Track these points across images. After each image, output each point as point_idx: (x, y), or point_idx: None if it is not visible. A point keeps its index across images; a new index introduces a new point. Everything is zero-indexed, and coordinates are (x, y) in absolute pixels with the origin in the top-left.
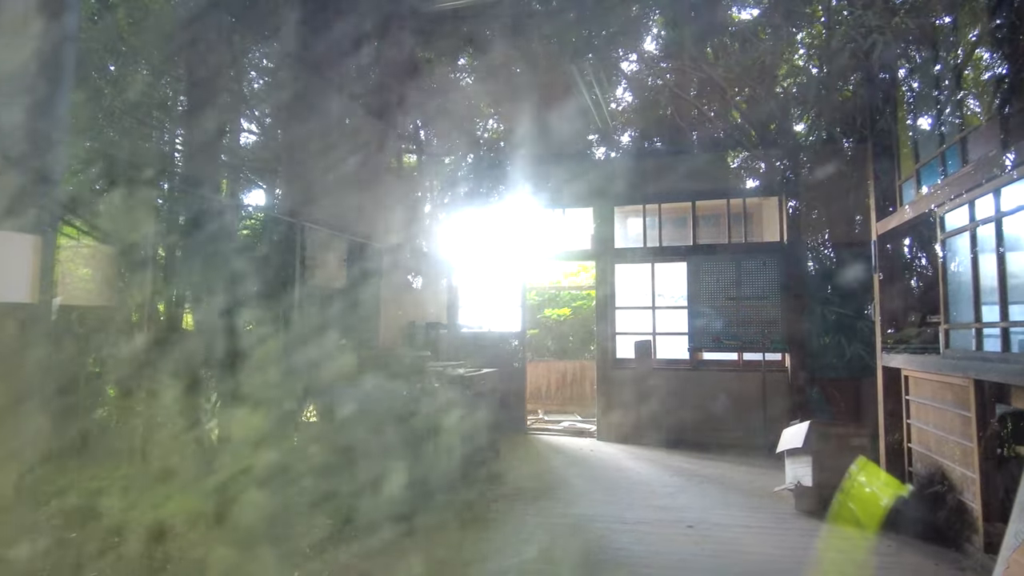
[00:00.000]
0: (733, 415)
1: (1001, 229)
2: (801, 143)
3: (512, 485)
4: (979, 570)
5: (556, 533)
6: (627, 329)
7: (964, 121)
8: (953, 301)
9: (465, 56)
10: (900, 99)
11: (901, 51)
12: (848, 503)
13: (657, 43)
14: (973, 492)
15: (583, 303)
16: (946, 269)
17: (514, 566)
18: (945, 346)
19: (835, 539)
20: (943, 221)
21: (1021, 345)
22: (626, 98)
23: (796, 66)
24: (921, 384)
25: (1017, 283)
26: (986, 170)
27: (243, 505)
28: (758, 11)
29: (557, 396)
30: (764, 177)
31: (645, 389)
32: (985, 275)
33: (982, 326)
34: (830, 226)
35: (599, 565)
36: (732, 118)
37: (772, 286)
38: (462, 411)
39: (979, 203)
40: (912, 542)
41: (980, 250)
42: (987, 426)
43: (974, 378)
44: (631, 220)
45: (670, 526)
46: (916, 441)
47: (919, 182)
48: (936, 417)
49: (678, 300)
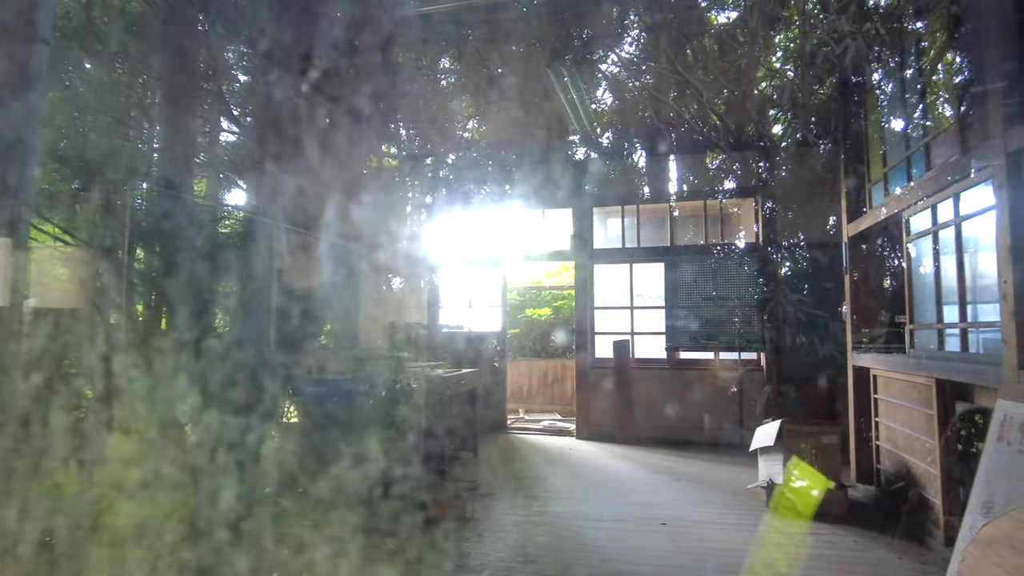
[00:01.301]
0: (710, 413)
1: (960, 232)
2: (777, 145)
3: (490, 484)
4: (940, 563)
5: (533, 531)
6: (606, 329)
7: (931, 126)
8: (918, 302)
9: (447, 57)
10: (872, 103)
11: (873, 56)
12: (787, 495)
13: (636, 46)
14: (935, 488)
15: (564, 303)
16: (912, 271)
17: (489, 564)
18: (910, 346)
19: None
20: (909, 224)
21: (980, 345)
22: (606, 99)
23: (773, 69)
24: (888, 383)
25: (975, 285)
26: (947, 175)
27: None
28: (736, 13)
29: (538, 395)
30: (741, 179)
31: (624, 388)
32: (946, 277)
33: (943, 327)
34: (805, 227)
35: (575, 563)
36: (710, 120)
37: (748, 286)
38: (440, 411)
39: (941, 207)
40: (878, 537)
41: (941, 253)
42: (948, 423)
43: (936, 377)
44: (610, 221)
45: (647, 523)
46: (884, 439)
47: (887, 185)
48: (902, 415)
49: (656, 300)
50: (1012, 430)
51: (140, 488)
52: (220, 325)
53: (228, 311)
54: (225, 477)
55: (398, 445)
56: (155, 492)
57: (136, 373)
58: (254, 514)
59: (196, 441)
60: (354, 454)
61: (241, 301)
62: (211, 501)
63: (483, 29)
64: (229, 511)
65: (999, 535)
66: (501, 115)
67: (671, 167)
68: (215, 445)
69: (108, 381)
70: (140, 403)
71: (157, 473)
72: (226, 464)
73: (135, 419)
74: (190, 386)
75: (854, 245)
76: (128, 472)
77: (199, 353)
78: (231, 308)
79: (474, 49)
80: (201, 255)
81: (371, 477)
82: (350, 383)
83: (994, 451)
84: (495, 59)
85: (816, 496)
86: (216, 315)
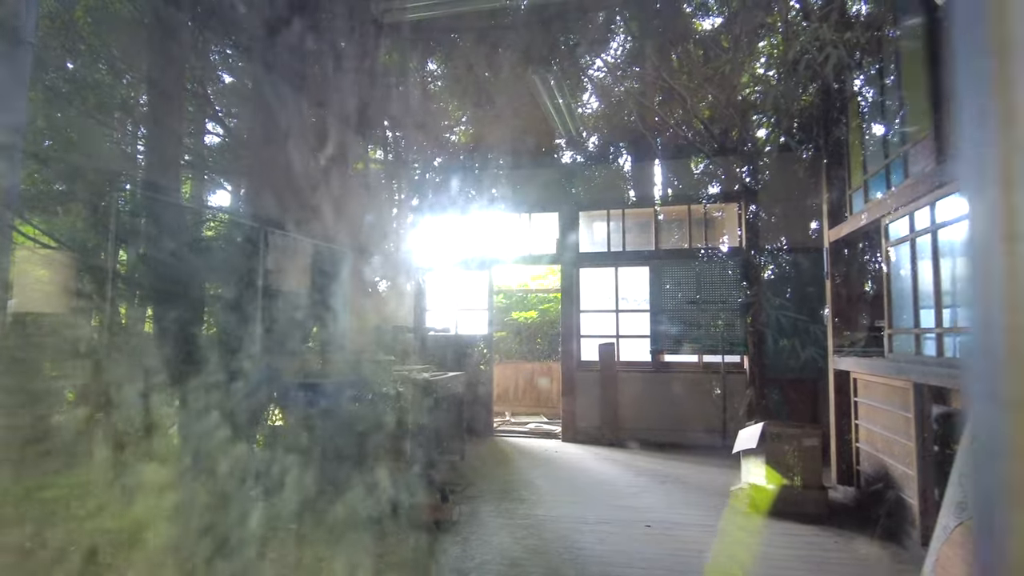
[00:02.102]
0: (694, 416)
1: (937, 239)
2: (760, 150)
3: (476, 487)
4: (916, 562)
5: (518, 534)
6: (592, 332)
7: (909, 135)
8: (897, 307)
9: (434, 61)
10: (853, 110)
11: (854, 64)
12: (769, 496)
13: (622, 52)
14: (912, 489)
15: (550, 306)
16: (891, 276)
17: (475, 567)
18: (889, 350)
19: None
20: (888, 230)
21: (956, 349)
22: (592, 104)
23: (756, 75)
24: (868, 386)
25: (951, 291)
26: (924, 183)
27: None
28: (721, 20)
29: (524, 398)
30: (724, 183)
31: (609, 391)
32: (923, 282)
33: (921, 331)
34: (787, 232)
35: (560, 565)
36: (695, 125)
37: (731, 290)
38: (426, 415)
39: (918, 215)
40: (857, 537)
41: (919, 259)
42: (925, 426)
43: (913, 381)
44: (596, 224)
45: (632, 526)
46: (864, 441)
47: (868, 192)
48: (881, 418)
49: (641, 303)
50: None
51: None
52: (206, 329)
53: (213, 314)
54: (207, 479)
55: (384, 448)
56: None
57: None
58: (235, 517)
59: (180, 444)
60: (339, 457)
61: (225, 304)
62: (191, 503)
63: (471, 34)
64: (208, 513)
65: (971, 535)
66: (488, 119)
67: (656, 171)
68: (199, 448)
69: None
70: (124, 407)
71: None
72: (209, 466)
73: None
74: (173, 390)
75: (835, 250)
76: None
77: (182, 356)
78: (215, 311)
79: (462, 54)
80: (185, 257)
81: (356, 480)
82: (336, 387)
83: (968, 452)
84: (482, 64)
85: (772, 491)
86: (201, 318)
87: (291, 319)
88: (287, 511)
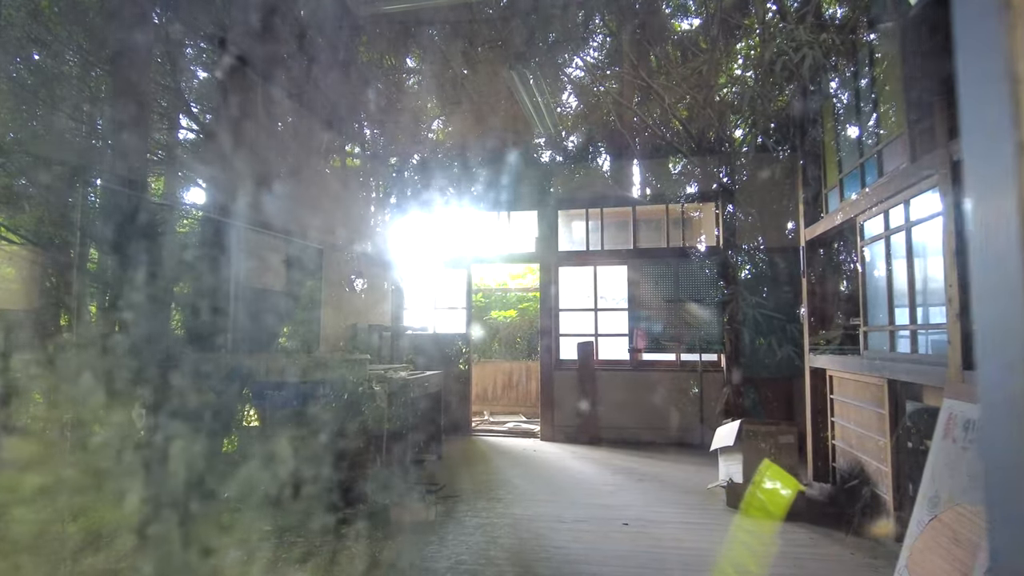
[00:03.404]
0: (672, 414)
1: (911, 237)
2: (737, 150)
3: (453, 487)
4: (890, 558)
5: (495, 533)
6: (570, 331)
7: (883, 134)
8: (871, 305)
9: (412, 57)
10: (828, 111)
11: (830, 65)
12: (758, 495)
13: (601, 51)
14: (886, 485)
15: (529, 305)
16: (866, 274)
17: (450, 568)
18: (864, 347)
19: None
20: (863, 229)
21: (929, 346)
22: (570, 103)
23: (733, 76)
24: (844, 383)
25: (924, 288)
26: (898, 181)
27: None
28: (699, 21)
29: (503, 397)
30: (702, 183)
31: (587, 389)
32: (898, 280)
33: (895, 328)
34: (764, 231)
35: (536, 564)
36: (672, 125)
37: (709, 289)
38: (403, 414)
39: (892, 213)
40: (832, 533)
41: (893, 257)
42: (899, 423)
43: (887, 378)
44: (575, 223)
45: (608, 524)
46: (840, 438)
47: (843, 191)
48: (856, 415)
49: (619, 302)
50: (956, 428)
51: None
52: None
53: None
54: (176, 479)
55: (358, 449)
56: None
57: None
58: (204, 517)
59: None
60: (313, 457)
61: (194, 301)
62: (158, 503)
63: (447, 30)
64: (177, 514)
65: (943, 528)
66: (466, 116)
67: (634, 171)
68: (165, 448)
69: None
70: (88, 405)
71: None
72: (177, 466)
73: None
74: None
75: (811, 249)
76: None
77: (148, 355)
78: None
79: (439, 50)
80: (153, 253)
81: (331, 480)
82: (309, 386)
83: (940, 448)
84: (460, 60)
85: (787, 496)
86: (168, 316)
87: (263, 317)
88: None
